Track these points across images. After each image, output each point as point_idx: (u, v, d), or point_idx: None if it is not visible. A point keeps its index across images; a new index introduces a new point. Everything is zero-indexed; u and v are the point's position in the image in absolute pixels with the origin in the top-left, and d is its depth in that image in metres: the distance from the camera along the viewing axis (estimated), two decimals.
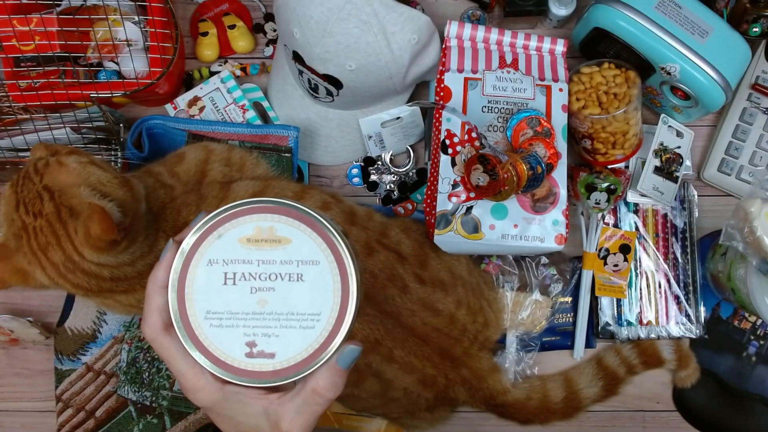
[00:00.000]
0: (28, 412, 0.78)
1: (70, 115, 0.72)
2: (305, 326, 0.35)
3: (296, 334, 0.35)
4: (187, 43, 0.83)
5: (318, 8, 0.64)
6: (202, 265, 0.35)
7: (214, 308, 0.35)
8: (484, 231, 0.69)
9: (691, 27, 0.69)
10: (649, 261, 0.78)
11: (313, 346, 0.35)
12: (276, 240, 0.35)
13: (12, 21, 0.70)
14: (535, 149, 0.68)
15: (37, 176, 0.56)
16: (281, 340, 0.34)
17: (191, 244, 0.35)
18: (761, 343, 0.79)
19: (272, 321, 0.35)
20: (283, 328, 0.35)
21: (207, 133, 0.75)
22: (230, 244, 0.35)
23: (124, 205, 0.56)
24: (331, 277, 0.35)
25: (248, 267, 0.35)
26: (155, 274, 0.36)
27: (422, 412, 0.71)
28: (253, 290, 0.35)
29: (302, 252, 0.35)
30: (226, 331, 0.35)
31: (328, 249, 0.35)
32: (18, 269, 0.57)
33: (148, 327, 0.36)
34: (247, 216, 0.35)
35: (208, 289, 0.35)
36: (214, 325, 0.35)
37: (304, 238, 0.35)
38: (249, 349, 0.34)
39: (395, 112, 0.75)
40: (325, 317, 0.35)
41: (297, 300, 0.35)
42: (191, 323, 0.35)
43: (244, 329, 0.35)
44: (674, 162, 0.77)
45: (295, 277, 0.35)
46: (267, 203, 0.35)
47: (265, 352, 0.34)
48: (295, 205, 0.35)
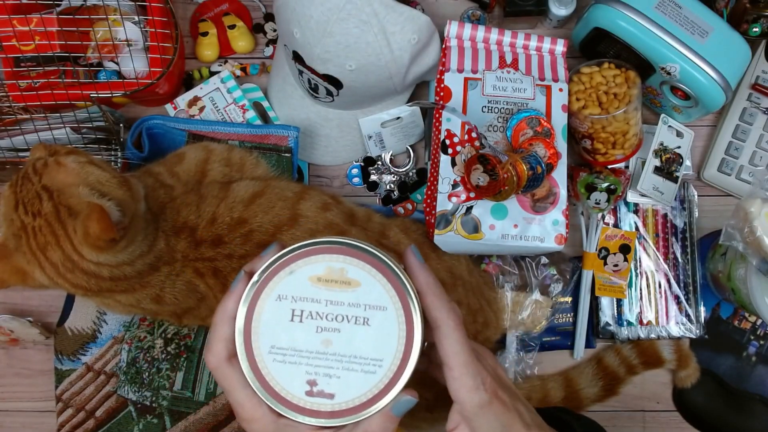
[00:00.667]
0: (28, 412, 0.78)
1: (70, 115, 0.72)
2: (367, 371, 0.35)
3: (357, 377, 0.35)
4: (187, 43, 0.83)
5: (318, 8, 0.64)
6: (271, 299, 0.35)
7: (279, 343, 0.35)
8: (484, 231, 0.69)
9: (691, 27, 0.69)
10: (649, 261, 0.78)
11: (373, 391, 0.35)
12: (346, 282, 0.35)
13: (12, 21, 0.70)
14: (535, 149, 0.68)
15: (35, 176, 0.56)
16: (342, 381, 0.35)
17: (263, 277, 0.35)
18: (761, 343, 0.79)
19: (335, 362, 0.35)
20: (344, 370, 0.35)
21: (207, 133, 0.75)
22: (300, 282, 0.35)
23: (123, 205, 0.56)
24: (396, 325, 0.35)
25: (316, 306, 0.35)
26: (225, 304, 0.36)
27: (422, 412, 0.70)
28: (319, 329, 0.35)
29: (371, 296, 0.35)
30: (289, 368, 0.35)
31: (397, 296, 0.35)
32: (17, 269, 0.57)
33: (213, 356, 0.36)
34: (320, 255, 0.35)
35: (275, 324, 0.35)
36: (277, 360, 0.35)
37: (374, 282, 0.35)
38: (309, 387, 0.35)
39: (395, 112, 0.75)
40: (387, 364, 0.35)
41: (361, 344, 0.35)
42: (255, 356, 0.35)
43: (306, 367, 0.35)
44: (674, 162, 0.77)
45: (362, 320, 0.35)
46: (342, 245, 0.35)
47: (325, 392, 0.35)
48: (369, 249, 0.35)
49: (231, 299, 0.36)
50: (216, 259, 0.62)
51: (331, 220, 0.65)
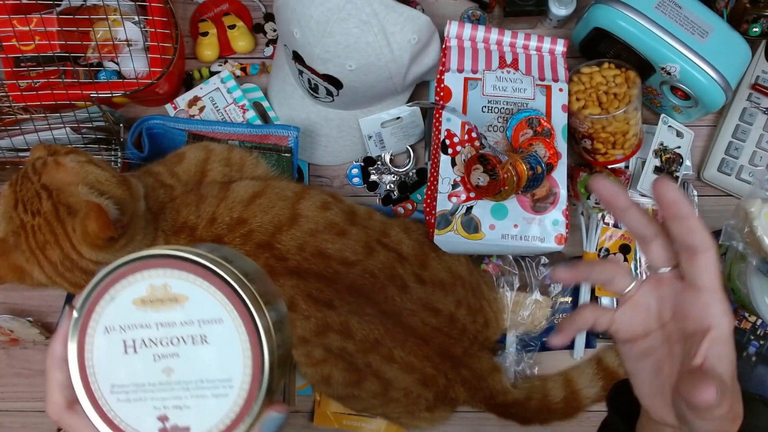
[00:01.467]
0: (28, 412, 0.78)
1: (70, 115, 0.72)
2: (218, 394, 0.31)
3: (209, 403, 0.31)
4: (187, 43, 0.83)
5: (318, 8, 0.64)
6: (99, 333, 0.32)
7: (118, 381, 0.31)
8: (484, 231, 0.69)
9: (691, 27, 0.69)
10: None
11: (229, 416, 0.31)
12: (172, 299, 0.31)
13: (12, 21, 0.70)
14: (535, 149, 0.68)
15: (35, 175, 0.56)
16: (194, 411, 0.31)
17: (84, 310, 0.31)
18: (761, 343, 0.79)
19: (182, 391, 0.31)
20: (194, 398, 0.31)
21: (207, 133, 0.75)
22: (125, 308, 0.31)
23: (122, 203, 0.56)
24: (237, 336, 0.31)
25: (147, 332, 0.31)
26: (52, 347, 0.33)
27: (422, 412, 0.71)
28: (156, 358, 0.31)
29: (202, 310, 0.31)
30: (135, 406, 0.31)
31: (230, 304, 0.31)
32: (15, 266, 0.57)
33: (51, 406, 0.33)
34: (137, 274, 0.31)
35: (110, 360, 0.31)
36: (121, 400, 0.31)
37: (201, 293, 0.31)
38: (162, 424, 0.31)
39: (395, 112, 0.75)
40: (238, 383, 0.31)
41: (205, 365, 0.31)
42: (97, 399, 0.32)
43: (153, 402, 0.31)
44: (674, 162, 0.77)
45: (199, 339, 0.31)
46: (155, 257, 0.31)
47: (179, 426, 0.31)
48: (185, 256, 0.31)
49: (57, 341, 0.32)
50: None
51: (332, 220, 0.65)
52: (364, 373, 0.65)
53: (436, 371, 0.68)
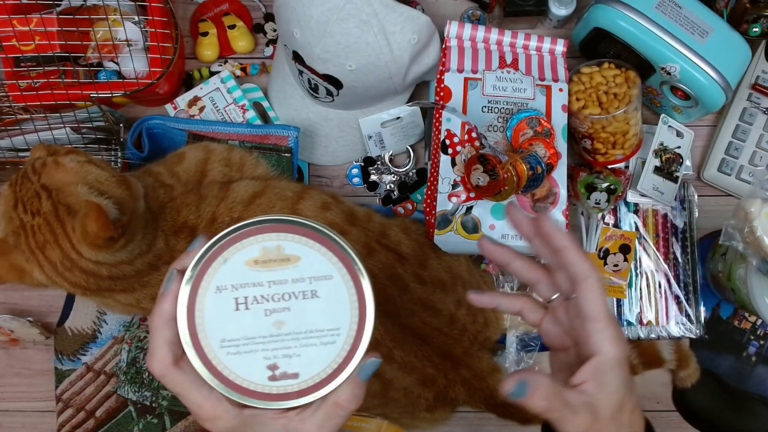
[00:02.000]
0: (28, 412, 0.78)
1: (70, 115, 0.72)
2: (326, 342, 0.34)
3: (317, 351, 0.34)
4: (187, 43, 0.83)
5: (318, 8, 0.64)
6: (210, 292, 0.34)
7: (229, 335, 0.34)
8: (484, 231, 0.69)
9: (691, 27, 0.69)
10: (649, 261, 0.78)
11: (336, 361, 0.34)
12: (285, 259, 0.34)
13: (12, 21, 0.70)
14: (535, 149, 0.68)
15: (35, 175, 0.56)
16: (303, 359, 0.34)
17: (196, 272, 0.34)
18: (761, 343, 0.79)
19: (291, 341, 0.34)
20: (303, 347, 0.34)
21: (207, 133, 0.75)
22: (237, 268, 0.34)
23: (122, 203, 0.56)
24: (345, 290, 0.34)
25: (259, 289, 0.34)
26: (160, 306, 0.34)
27: (422, 412, 0.71)
28: (267, 312, 0.34)
29: (313, 268, 0.34)
30: (246, 357, 0.33)
31: (340, 262, 0.34)
32: (15, 266, 0.57)
33: (157, 362, 0.34)
34: (252, 237, 0.34)
35: (220, 316, 0.34)
36: (231, 353, 0.33)
37: (313, 253, 0.34)
38: (271, 372, 0.34)
39: (395, 112, 0.75)
40: (345, 331, 0.34)
41: (314, 317, 0.34)
42: (207, 354, 0.34)
43: (263, 353, 0.34)
44: (674, 162, 0.77)
45: (310, 294, 0.34)
46: (270, 222, 0.34)
47: (288, 373, 0.34)
48: (299, 221, 0.34)
49: (166, 300, 0.34)
50: None
51: (332, 220, 0.65)
52: None
53: (436, 371, 0.68)
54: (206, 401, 0.34)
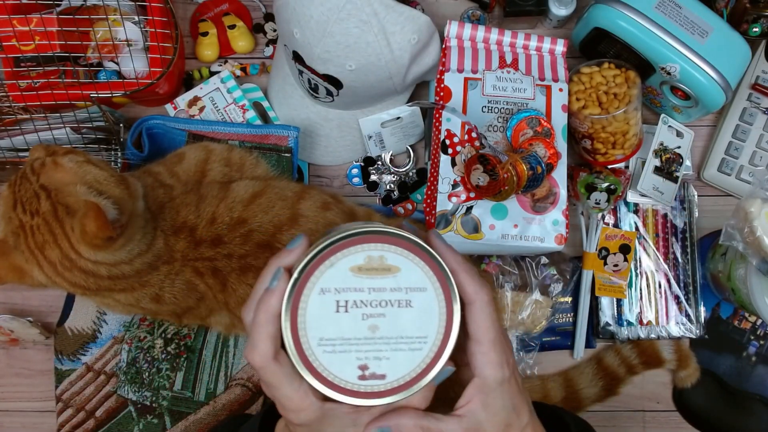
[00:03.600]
0: (28, 412, 0.78)
1: (70, 115, 0.72)
2: (413, 348, 0.37)
3: (405, 356, 0.37)
4: (187, 43, 0.83)
5: (318, 8, 0.64)
6: (314, 293, 0.36)
7: (327, 335, 0.36)
8: (484, 231, 0.69)
9: (691, 27, 0.69)
10: (649, 261, 0.78)
11: (420, 366, 0.37)
12: (386, 269, 0.36)
13: (12, 21, 0.70)
14: (535, 149, 0.68)
15: (34, 176, 0.56)
16: (391, 362, 0.37)
17: (304, 273, 0.36)
18: (761, 343, 0.79)
19: (383, 345, 0.36)
20: (392, 351, 0.37)
21: (207, 133, 0.75)
22: (342, 273, 0.36)
23: (121, 203, 0.56)
24: (437, 303, 0.37)
25: (360, 295, 0.36)
26: (268, 302, 0.36)
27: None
28: (364, 317, 0.36)
29: (411, 279, 0.37)
30: (339, 356, 0.36)
31: (435, 276, 0.37)
32: (15, 267, 0.57)
33: (259, 355, 0.36)
34: (358, 245, 0.36)
35: (321, 317, 0.36)
36: (327, 351, 0.36)
37: (412, 266, 0.37)
38: (361, 372, 0.36)
39: (395, 112, 0.75)
40: (431, 340, 0.37)
41: (406, 324, 0.37)
42: (304, 350, 0.36)
43: (356, 353, 0.36)
44: (674, 162, 0.77)
45: (405, 303, 0.37)
46: (379, 233, 0.36)
47: (377, 374, 0.36)
48: (405, 235, 0.37)
49: (274, 297, 0.36)
50: (215, 258, 0.62)
51: (332, 220, 0.65)
52: None
53: None
54: (296, 394, 0.36)
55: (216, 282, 0.62)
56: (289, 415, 0.37)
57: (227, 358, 0.76)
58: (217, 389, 0.75)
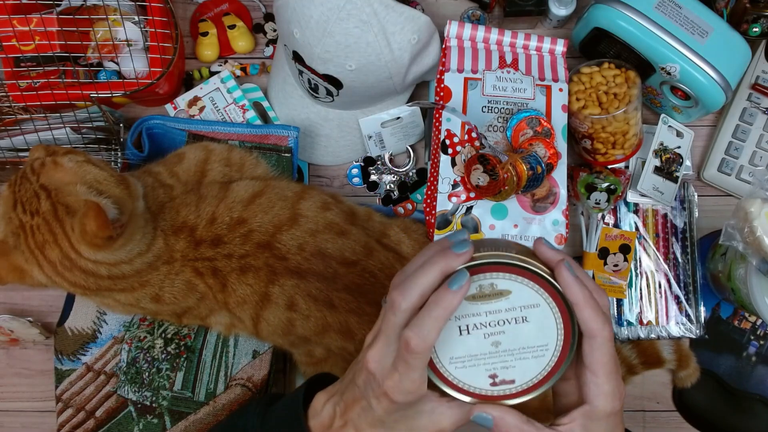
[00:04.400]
0: (27, 412, 0.78)
1: (70, 115, 0.72)
2: (537, 356, 0.40)
3: (530, 363, 0.40)
4: (187, 43, 0.83)
5: (318, 8, 0.64)
6: None
7: (456, 354, 0.41)
8: (484, 231, 0.69)
9: (691, 27, 0.69)
10: (649, 261, 0.78)
11: (546, 370, 0.41)
12: (498, 293, 0.40)
13: (12, 21, 0.70)
14: (535, 149, 0.68)
15: (33, 176, 0.56)
16: (518, 369, 0.40)
17: None
18: (761, 343, 0.79)
19: (507, 356, 0.40)
20: (518, 360, 0.40)
21: (207, 133, 0.75)
22: None
23: (121, 203, 0.56)
24: (551, 314, 0.40)
25: (478, 318, 0.40)
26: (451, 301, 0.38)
27: None
28: (486, 336, 0.40)
29: (523, 299, 0.40)
30: (470, 370, 0.41)
31: (545, 292, 0.40)
32: (15, 267, 0.57)
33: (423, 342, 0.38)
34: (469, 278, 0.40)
35: (447, 342, 0.40)
36: (458, 367, 0.41)
37: (522, 287, 0.40)
38: (492, 379, 0.41)
39: (395, 112, 0.76)
40: (553, 346, 0.40)
41: (526, 337, 0.40)
42: (438, 369, 0.41)
43: (484, 366, 0.41)
44: (674, 162, 0.77)
45: (521, 319, 0.40)
46: (487, 264, 0.39)
47: (506, 380, 0.41)
48: (510, 263, 0.39)
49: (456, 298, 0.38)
50: (215, 258, 0.62)
51: (332, 220, 0.65)
52: None
53: None
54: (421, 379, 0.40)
55: (216, 282, 0.62)
56: (395, 395, 0.40)
57: (227, 358, 0.76)
58: (217, 389, 0.75)
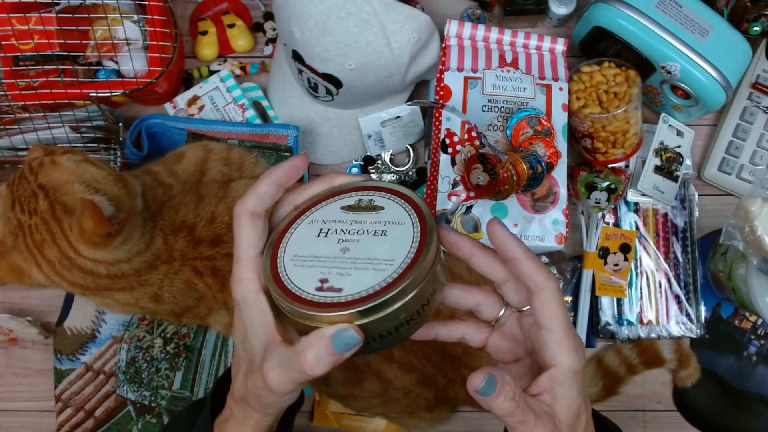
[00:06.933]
0: (27, 411, 0.78)
1: (69, 115, 0.72)
2: (377, 269, 0.36)
3: (367, 274, 0.36)
4: (187, 42, 0.83)
5: (318, 7, 0.64)
6: (305, 223, 0.39)
7: (301, 253, 0.38)
8: (484, 230, 0.68)
9: (692, 26, 0.69)
10: (650, 260, 0.78)
11: (380, 284, 0.35)
12: (371, 208, 0.39)
13: (11, 20, 0.70)
14: (535, 148, 0.68)
15: (32, 175, 0.56)
16: (352, 278, 0.36)
17: (300, 209, 0.40)
18: (762, 342, 0.79)
19: (349, 263, 0.37)
20: (356, 269, 0.36)
21: (206, 132, 0.74)
22: (333, 210, 0.40)
23: (118, 201, 0.56)
24: (411, 233, 0.37)
25: (342, 225, 0.39)
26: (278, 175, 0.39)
27: (422, 411, 0.70)
28: (339, 241, 0.38)
29: (392, 216, 0.38)
30: (305, 270, 0.37)
31: (415, 214, 0.38)
32: (14, 267, 0.57)
33: (241, 204, 0.38)
34: (352, 192, 0.40)
35: (303, 239, 0.39)
36: (296, 265, 0.38)
37: (396, 207, 0.39)
38: (320, 284, 0.36)
39: (395, 111, 0.75)
40: (398, 263, 0.36)
41: (377, 249, 0.37)
42: (277, 261, 0.38)
43: (321, 269, 0.37)
44: (674, 161, 0.77)
45: (380, 232, 0.38)
46: (376, 187, 0.40)
47: (334, 287, 0.36)
48: (396, 188, 0.40)
49: (284, 167, 0.39)
50: (215, 258, 0.61)
51: None
52: (364, 373, 0.65)
53: (436, 371, 0.67)
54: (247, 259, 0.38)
55: (215, 281, 0.62)
56: (233, 282, 0.38)
57: (226, 357, 0.75)
58: None
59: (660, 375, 0.79)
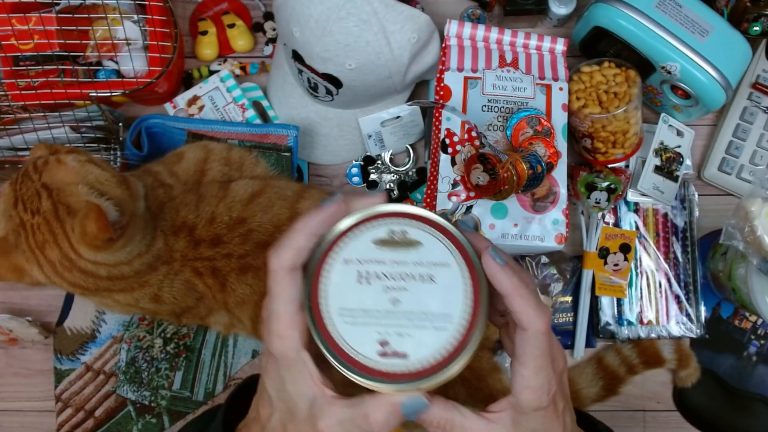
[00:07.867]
0: (27, 411, 0.78)
1: (69, 115, 0.72)
2: (437, 327, 0.34)
3: (429, 334, 0.34)
4: (187, 42, 0.83)
5: (318, 7, 0.64)
6: (338, 263, 0.35)
7: (348, 305, 0.35)
8: (484, 230, 0.68)
9: (692, 26, 0.69)
10: (650, 260, 0.78)
11: (447, 349, 0.34)
12: (408, 243, 0.36)
13: (11, 20, 0.70)
14: (535, 148, 0.68)
15: (36, 174, 0.56)
16: (414, 340, 0.34)
17: (328, 244, 0.35)
18: (762, 342, 0.79)
19: (405, 320, 0.35)
20: (415, 328, 0.34)
21: (206, 133, 0.74)
22: (365, 245, 0.36)
23: (122, 204, 0.56)
24: (461, 279, 0.35)
25: (381, 267, 0.35)
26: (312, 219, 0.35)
27: None
28: (386, 289, 0.35)
29: (433, 254, 0.35)
30: (359, 329, 0.35)
31: (458, 252, 0.36)
32: (14, 266, 0.57)
33: (277, 258, 0.35)
34: (381, 220, 0.36)
35: (343, 286, 0.35)
36: (347, 322, 0.35)
37: (434, 241, 0.36)
38: (381, 348, 0.34)
39: (395, 111, 0.75)
40: (457, 319, 0.35)
41: (430, 301, 0.35)
42: (323, 316, 0.35)
43: (377, 327, 0.34)
44: (674, 161, 0.77)
45: (427, 277, 0.35)
46: (402, 213, 0.36)
47: (398, 351, 0.34)
48: (426, 215, 0.36)
49: (320, 217, 0.35)
50: (215, 258, 0.61)
51: None
52: None
53: None
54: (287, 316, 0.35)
55: (215, 282, 0.62)
56: (268, 338, 0.35)
57: (226, 357, 0.75)
58: (216, 389, 0.75)
59: (660, 375, 0.79)
